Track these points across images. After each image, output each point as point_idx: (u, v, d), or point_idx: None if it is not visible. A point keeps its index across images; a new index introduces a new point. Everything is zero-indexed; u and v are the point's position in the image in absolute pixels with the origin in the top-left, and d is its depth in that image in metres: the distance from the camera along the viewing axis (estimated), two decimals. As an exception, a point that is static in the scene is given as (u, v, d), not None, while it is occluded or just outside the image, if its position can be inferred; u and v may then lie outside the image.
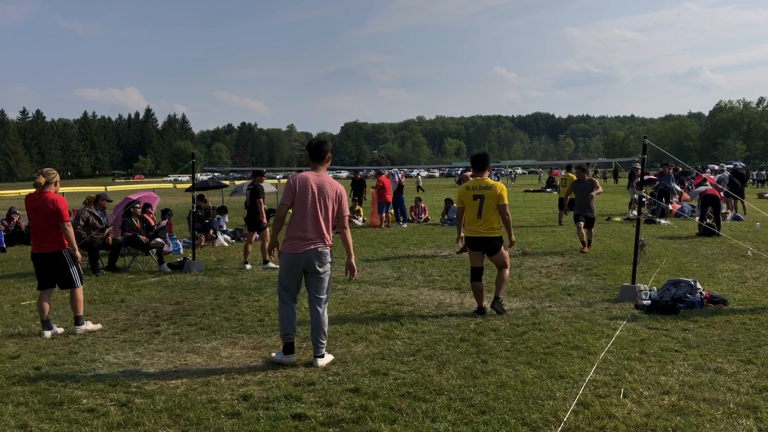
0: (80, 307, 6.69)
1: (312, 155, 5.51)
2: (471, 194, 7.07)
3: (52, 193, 6.64)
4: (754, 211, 18.59)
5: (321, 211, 5.33)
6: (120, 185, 65.10)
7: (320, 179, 5.39)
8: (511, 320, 6.78)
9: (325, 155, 5.51)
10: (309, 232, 5.30)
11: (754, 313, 6.87)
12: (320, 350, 5.39)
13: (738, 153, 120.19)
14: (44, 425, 4.17)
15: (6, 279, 10.16)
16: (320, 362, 5.33)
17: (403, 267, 10.64)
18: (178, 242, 13.57)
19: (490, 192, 6.96)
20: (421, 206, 19.88)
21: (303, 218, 5.30)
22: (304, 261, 5.31)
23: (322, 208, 5.35)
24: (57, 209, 6.52)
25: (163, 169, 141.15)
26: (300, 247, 5.29)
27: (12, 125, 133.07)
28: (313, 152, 5.49)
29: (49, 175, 6.73)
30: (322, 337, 5.39)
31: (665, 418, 4.10)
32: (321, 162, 5.49)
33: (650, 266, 9.92)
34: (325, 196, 5.36)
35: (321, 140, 5.64)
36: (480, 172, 7.21)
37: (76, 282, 6.72)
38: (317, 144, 5.55)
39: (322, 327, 5.38)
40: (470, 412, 4.24)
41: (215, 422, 4.17)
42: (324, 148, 5.51)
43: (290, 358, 5.39)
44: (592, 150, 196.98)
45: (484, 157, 7.35)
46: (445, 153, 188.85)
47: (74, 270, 6.71)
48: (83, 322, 6.68)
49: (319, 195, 5.33)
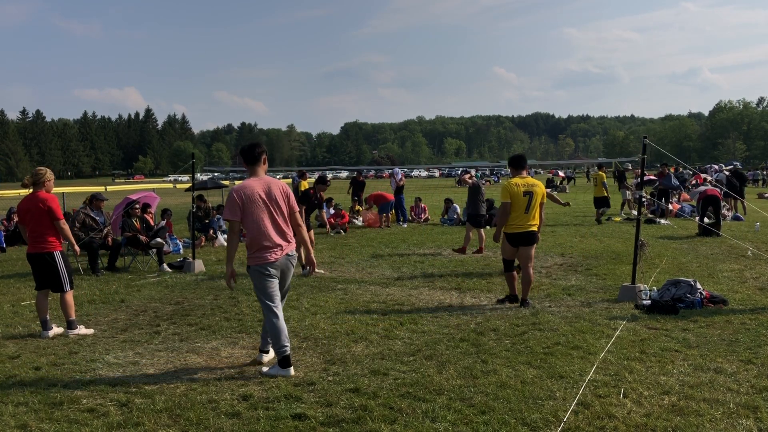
0: (71, 312, 6.55)
1: (246, 159, 5.29)
2: (521, 191, 7.45)
3: (43, 193, 6.53)
4: (754, 211, 18.59)
5: (278, 215, 5.18)
6: (120, 185, 65.07)
7: (264, 183, 5.21)
8: (511, 320, 6.78)
9: (260, 157, 5.28)
10: (275, 238, 5.15)
11: (754, 313, 6.87)
12: (267, 346, 5.51)
13: (738, 153, 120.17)
14: (44, 425, 4.17)
15: (6, 279, 10.16)
16: (265, 358, 5.48)
17: (403, 267, 10.64)
18: (178, 242, 13.57)
19: (537, 189, 7.54)
20: (421, 206, 19.90)
21: (262, 227, 5.11)
22: (281, 267, 5.21)
23: (278, 211, 5.19)
24: (49, 208, 6.44)
25: (163, 169, 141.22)
26: (272, 255, 5.13)
27: (12, 125, 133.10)
28: (247, 155, 5.27)
29: (37, 175, 6.61)
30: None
31: (665, 418, 4.10)
32: (257, 164, 5.27)
33: (650, 266, 9.92)
34: (276, 198, 5.19)
35: (253, 143, 5.42)
36: (521, 170, 7.72)
37: (65, 286, 6.58)
38: (249, 147, 5.32)
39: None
40: (470, 412, 4.24)
41: (215, 422, 4.17)
42: (257, 150, 5.28)
43: (288, 371, 5.11)
44: (592, 150, 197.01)
45: (523, 158, 7.97)
46: (445, 153, 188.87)
47: (64, 273, 6.57)
48: (76, 326, 6.54)
49: (269, 199, 5.16)
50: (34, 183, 6.57)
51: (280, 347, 5.11)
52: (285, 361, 5.12)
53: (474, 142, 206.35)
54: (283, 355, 5.11)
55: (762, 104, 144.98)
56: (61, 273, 6.57)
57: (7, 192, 44.37)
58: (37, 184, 6.57)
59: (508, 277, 7.73)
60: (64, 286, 6.58)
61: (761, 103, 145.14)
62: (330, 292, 8.56)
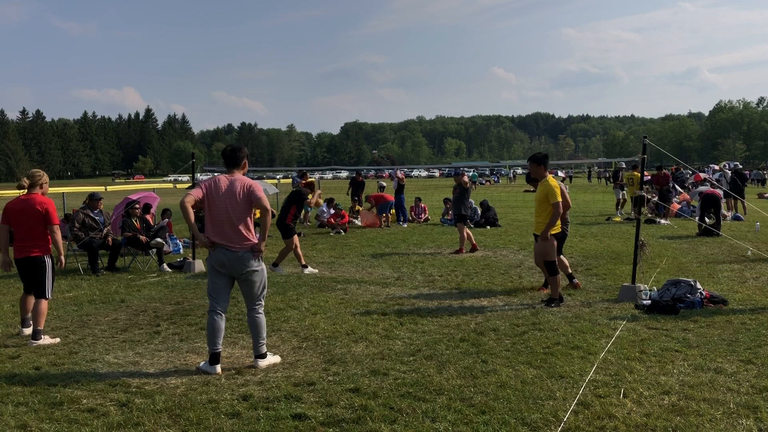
0: (42, 321, 6.27)
1: (227, 162, 5.38)
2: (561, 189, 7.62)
3: (40, 196, 6.41)
4: (754, 211, 18.59)
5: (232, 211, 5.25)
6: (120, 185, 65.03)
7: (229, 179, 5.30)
8: (511, 320, 6.78)
9: (240, 162, 5.38)
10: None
11: (754, 313, 6.87)
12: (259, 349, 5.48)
13: (738, 153, 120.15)
14: (44, 425, 4.17)
15: (6, 279, 10.15)
16: (261, 363, 5.42)
17: (403, 267, 10.64)
18: (178, 242, 13.57)
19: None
20: (421, 206, 19.91)
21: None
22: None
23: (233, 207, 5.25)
24: (46, 211, 6.32)
25: (163, 169, 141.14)
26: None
27: (12, 125, 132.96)
28: (228, 159, 5.37)
29: (34, 177, 6.49)
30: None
31: (665, 418, 4.10)
32: (237, 168, 5.37)
33: (650, 266, 9.92)
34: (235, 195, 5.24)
35: (236, 146, 5.48)
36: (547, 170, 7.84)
37: (47, 293, 6.41)
38: (231, 150, 5.40)
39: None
40: (470, 412, 4.24)
41: (215, 422, 4.17)
42: (239, 154, 5.37)
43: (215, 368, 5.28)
44: (592, 150, 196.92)
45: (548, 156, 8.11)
46: (445, 153, 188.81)
47: (48, 280, 6.43)
48: (41, 337, 6.23)
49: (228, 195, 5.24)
50: (31, 185, 6.46)
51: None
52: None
53: (474, 142, 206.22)
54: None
55: (762, 104, 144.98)
56: (47, 279, 6.42)
57: (7, 192, 44.39)
58: (34, 186, 6.46)
59: (557, 280, 7.54)
60: (46, 292, 6.41)
61: (761, 103, 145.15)
62: (330, 292, 8.57)
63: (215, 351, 5.23)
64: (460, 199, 12.34)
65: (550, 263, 7.55)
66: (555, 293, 7.53)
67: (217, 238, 5.24)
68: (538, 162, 7.77)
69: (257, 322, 5.36)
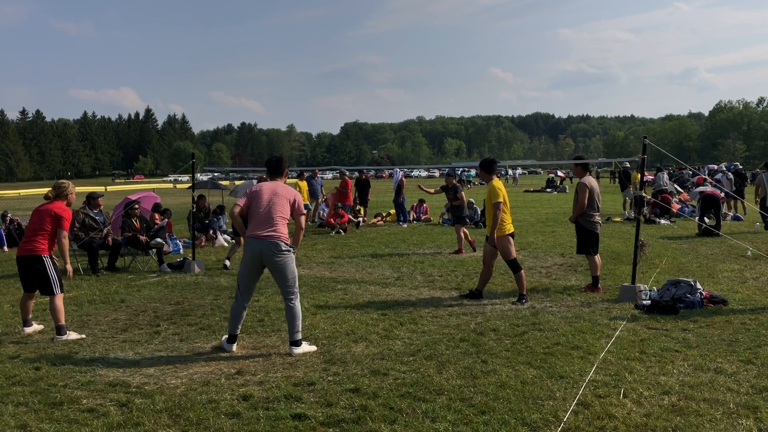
0: (61, 317, 6.37)
1: (270, 171, 6.05)
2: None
3: (62, 204, 6.61)
4: (754, 211, 18.59)
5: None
6: (120, 185, 65.04)
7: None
8: (511, 320, 6.79)
9: (283, 170, 6.08)
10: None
11: (754, 313, 6.87)
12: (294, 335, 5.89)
13: (738, 153, 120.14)
14: (44, 425, 4.17)
15: (6, 279, 10.15)
16: (296, 351, 5.77)
17: (403, 267, 10.64)
18: (178, 242, 13.57)
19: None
20: (423, 207, 19.95)
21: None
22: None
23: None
24: (60, 216, 6.47)
25: (163, 169, 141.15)
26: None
27: (12, 125, 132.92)
28: (273, 167, 6.04)
29: (60, 188, 6.70)
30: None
31: (665, 418, 4.10)
32: (279, 176, 6.06)
33: (650, 266, 9.92)
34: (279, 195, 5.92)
35: (279, 156, 6.15)
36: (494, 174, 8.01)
37: (56, 289, 6.48)
38: (276, 160, 6.07)
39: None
40: (470, 412, 4.24)
41: (215, 422, 4.17)
42: (282, 164, 6.05)
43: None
44: (592, 150, 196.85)
45: (496, 162, 8.30)
46: (445, 153, 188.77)
47: (54, 276, 6.48)
48: (65, 332, 6.35)
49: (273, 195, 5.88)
50: (57, 195, 6.65)
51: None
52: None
53: (474, 142, 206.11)
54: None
55: (762, 104, 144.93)
56: (51, 276, 6.47)
57: (7, 192, 44.38)
58: (60, 196, 6.66)
59: (521, 276, 7.75)
60: (54, 289, 6.47)
61: (761, 103, 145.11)
62: (330, 292, 8.57)
63: (234, 333, 5.88)
64: (456, 203, 12.46)
65: (511, 261, 7.77)
66: (522, 288, 7.73)
67: (255, 231, 5.69)
68: (485, 167, 8.09)
69: (293, 311, 5.74)
